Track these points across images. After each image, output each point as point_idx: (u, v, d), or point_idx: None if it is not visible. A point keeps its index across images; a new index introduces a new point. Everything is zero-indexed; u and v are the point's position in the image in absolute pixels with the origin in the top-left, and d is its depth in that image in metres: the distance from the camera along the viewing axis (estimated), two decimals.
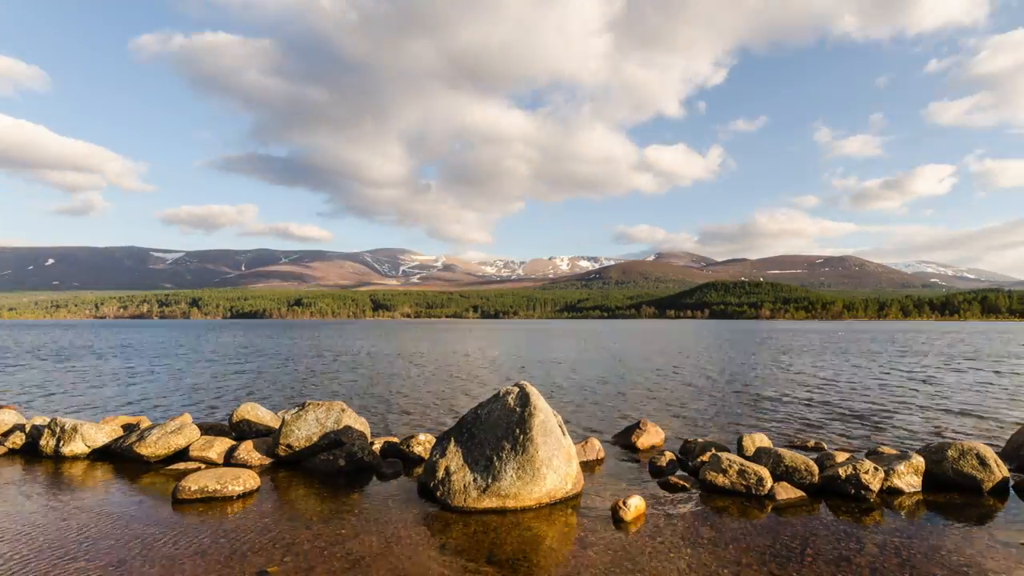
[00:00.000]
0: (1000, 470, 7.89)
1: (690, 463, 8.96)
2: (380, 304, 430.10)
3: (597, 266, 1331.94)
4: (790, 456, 8.08)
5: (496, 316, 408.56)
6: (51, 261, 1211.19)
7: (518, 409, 7.64)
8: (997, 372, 24.47)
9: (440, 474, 7.35)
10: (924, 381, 21.16)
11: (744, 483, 7.66)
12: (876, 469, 7.63)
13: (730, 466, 7.83)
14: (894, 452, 9.02)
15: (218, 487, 7.42)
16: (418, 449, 9.52)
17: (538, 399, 7.83)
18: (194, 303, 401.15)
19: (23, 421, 11.20)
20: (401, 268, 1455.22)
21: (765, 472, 7.69)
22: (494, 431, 7.55)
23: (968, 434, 11.88)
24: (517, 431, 7.39)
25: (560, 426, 7.92)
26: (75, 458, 9.66)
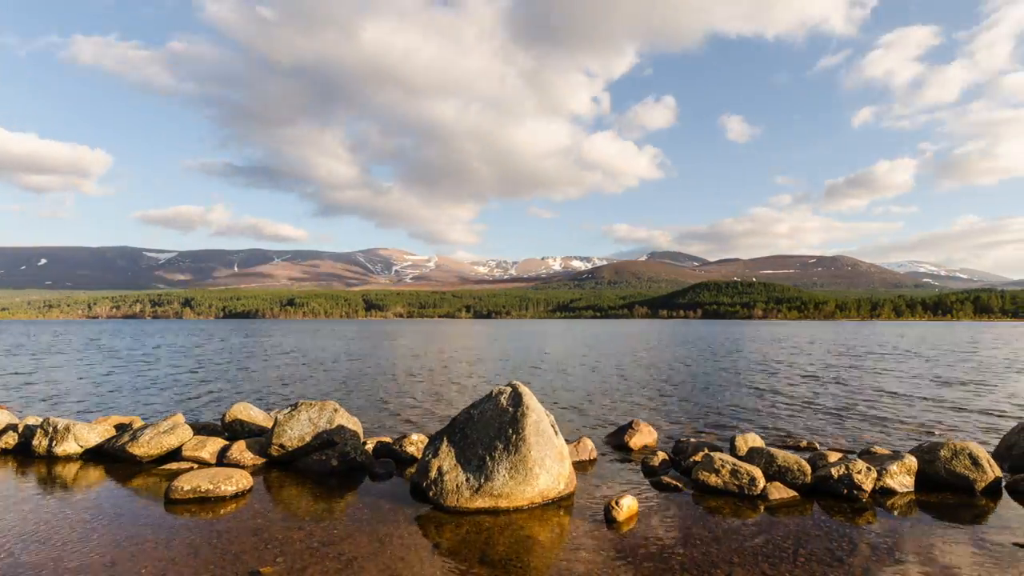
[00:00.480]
0: (993, 470, 7.93)
1: (683, 463, 8.99)
2: (373, 304, 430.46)
3: (590, 266, 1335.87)
4: (783, 456, 8.13)
5: (489, 316, 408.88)
6: (44, 261, 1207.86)
7: (511, 409, 7.67)
8: (989, 372, 24.59)
9: (433, 474, 7.38)
10: (916, 381, 21.28)
11: (737, 483, 7.70)
12: (868, 469, 7.67)
13: (723, 466, 7.87)
14: (887, 452, 9.08)
15: (211, 487, 7.44)
16: (411, 449, 9.55)
17: (530, 399, 7.86)
18: (187, 303, 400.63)
19: (15, 421, 11.20)
20: (394, 268, 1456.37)
21: (758, 472, 7.74)
22: (487, 431, 7.59)
23: (961, 434, 11.95)
24: (510, 431, 7.43)
25: (553, 426, 7.96)
26: (68, 458, 9.68)
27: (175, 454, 9.38)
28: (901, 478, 7.86)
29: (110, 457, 9.62)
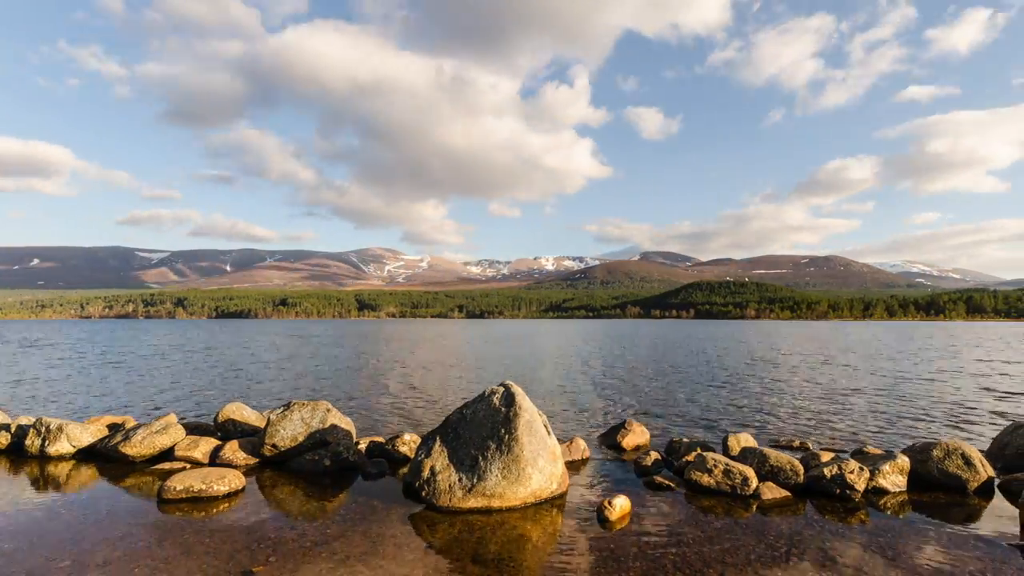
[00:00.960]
0: (985, 470, 8.02)
1: (675, 463, 9.06)
2: (365, 304, 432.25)
3: (582, 266, 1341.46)
4: (775, 456, 8.22)
5: (481, 316, 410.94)
6: (36, 261, 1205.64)
7: (503, 409, 7.76)
8: (981, 372, 24.79)
9: (425, 474, 7.46)
10: (909, 380, 21.49)
11: (729, 483, 7.79)
12: (861, 469, 7.75)
13: (715, 466, 7.96)
14: (879, 452, 9.20)
15: (203, 487, 7.51)
16: (403, 449, 9.65)
17: (523, 399, 7.96)
18: (179, 303, 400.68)
19: (8, 421, 11.25)
20: (386, 268, 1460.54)
21: (750, 472, 7.82)
22: (479, 431, 7.67)
23: (953, 433, 12.07)
24: (502, 431, 7.52)
25: (545, 426, 8.04)
26: (60, 458, 9.74)
27: (168, 454, 9.45)
28: (894, 478, 7.95)
29: (103, 457, 9.68)
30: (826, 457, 8.52)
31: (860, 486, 7.62)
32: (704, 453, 8.42)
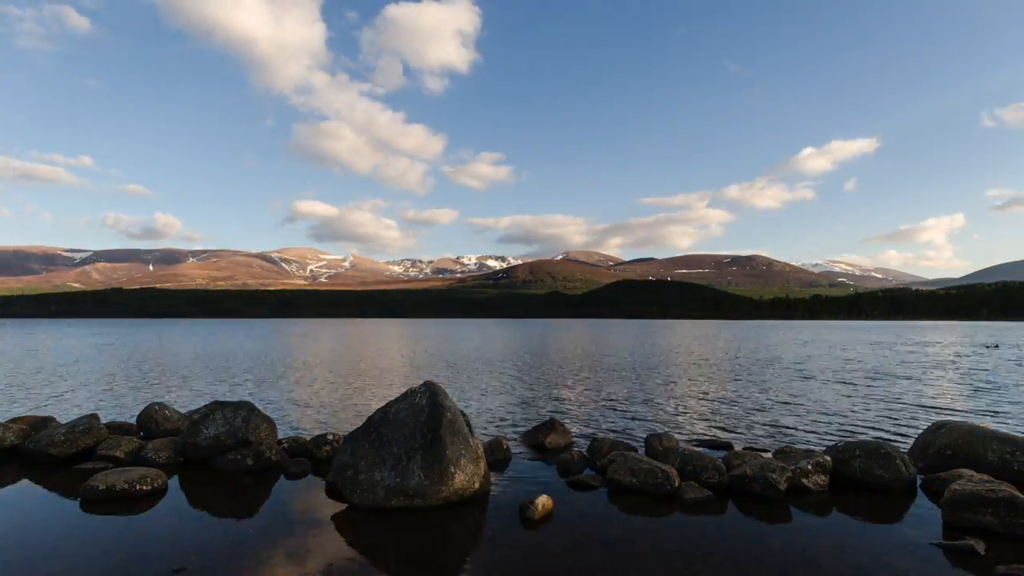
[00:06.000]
0: (907, 469, 8.83)
1: (598, 462, 9.82)
2: (287, 303, 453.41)
3: (505, 265, 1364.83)
4: (697, 455, 9.09)
5: (404, 315, 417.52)
6: None
7: (426, 408, 8.48)
8: (904, 373, 26.25)
9: (348, 473, 8.17)
10: (831, 381, 22.77)
11: (652, 482, 8.55)
12: (783, 468, 8.52)
13: (637, 465, 8.77)
14: (802, 451, 10.02)
15: (126, 486, 8.17)
16: (326, 448, 10.40)
17: (446, 398, 8.72)
18: (102, 302, 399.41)
19: None
20: (308, 267, 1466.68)
21: (673, 471, 8.62)
22: (402, 430, 8.37)
23: (876, 433, 13.00)
24: (425, 430, 8.24)
25: (468, 425, 8.82)
26: None
27: (90, 453, 10.13)
28: (816, 477, 8.74)
29: (25, 456, 10.30)
30: (749, 456, 9.31)
31: (782, 485, 8.32)
32: (626, 452, 9.26)
